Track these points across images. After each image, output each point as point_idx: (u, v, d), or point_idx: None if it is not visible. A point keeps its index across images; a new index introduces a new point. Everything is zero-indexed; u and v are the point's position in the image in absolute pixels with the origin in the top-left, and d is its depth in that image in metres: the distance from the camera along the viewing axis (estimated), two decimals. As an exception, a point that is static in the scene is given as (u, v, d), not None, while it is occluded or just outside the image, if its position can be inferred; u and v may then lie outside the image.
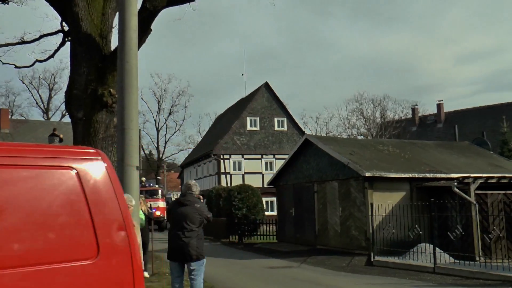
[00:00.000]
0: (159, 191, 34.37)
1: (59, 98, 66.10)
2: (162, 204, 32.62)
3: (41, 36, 19.92)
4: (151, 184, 37.97)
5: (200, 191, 8.59)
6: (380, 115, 58.00)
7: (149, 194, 30.10)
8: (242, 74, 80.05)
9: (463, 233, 14.47)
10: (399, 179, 16.12)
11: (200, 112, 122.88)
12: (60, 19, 17.59)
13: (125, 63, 7.26)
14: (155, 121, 64.46)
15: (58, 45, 18.14)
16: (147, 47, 55.86)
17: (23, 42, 20.19)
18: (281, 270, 14.20)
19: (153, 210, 22.30)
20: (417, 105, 59.75)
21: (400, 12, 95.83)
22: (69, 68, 15.77)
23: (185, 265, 7.70)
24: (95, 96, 15.35)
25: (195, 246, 7.58)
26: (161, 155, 65.49)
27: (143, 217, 9.49)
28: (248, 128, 40.71)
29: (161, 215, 30.77)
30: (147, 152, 67.78)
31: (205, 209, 8.00)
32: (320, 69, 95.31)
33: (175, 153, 77.60)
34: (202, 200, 9.19)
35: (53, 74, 59.20)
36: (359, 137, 50.17)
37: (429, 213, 14.17)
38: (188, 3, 16.58)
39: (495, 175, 16.17)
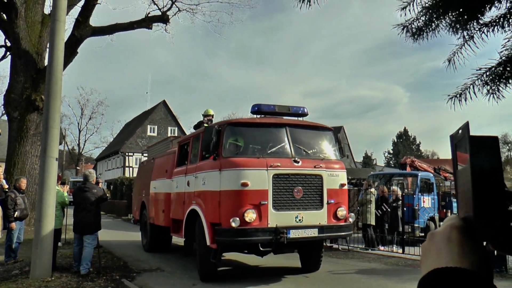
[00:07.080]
0: None
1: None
2: None
3: (-15, 49, 22.59)
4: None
5: (97, 177, 10.81)
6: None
7: None
8: (147, 93, 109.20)
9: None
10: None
11: (113, 118, 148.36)
12: (4, 36, 21.50)
13: (52, 76, 8.50)
14: (78, 123, 75.43)
15: (0, 57, 21.75)
16: (76, 65, 66.74)
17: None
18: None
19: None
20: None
21: (267, 57, 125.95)
22: (9, 76, 19.20)
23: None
24: (29, 100, 18.34)
25: (92, 222, 9.38)
26: (81, 151, 75.33)
27: (67, 196, 10.76)
28: (148, 133, 49.72)
29: None
30: (70, 147, 79.00)
31: (101, 192, 9.74)
32: (207, 93, 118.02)
33: (92, 150, 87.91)
34: (100, 185, 11.23)
35: (-5, 80, 64.51)
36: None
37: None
38: (108, 35, 21.47)
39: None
